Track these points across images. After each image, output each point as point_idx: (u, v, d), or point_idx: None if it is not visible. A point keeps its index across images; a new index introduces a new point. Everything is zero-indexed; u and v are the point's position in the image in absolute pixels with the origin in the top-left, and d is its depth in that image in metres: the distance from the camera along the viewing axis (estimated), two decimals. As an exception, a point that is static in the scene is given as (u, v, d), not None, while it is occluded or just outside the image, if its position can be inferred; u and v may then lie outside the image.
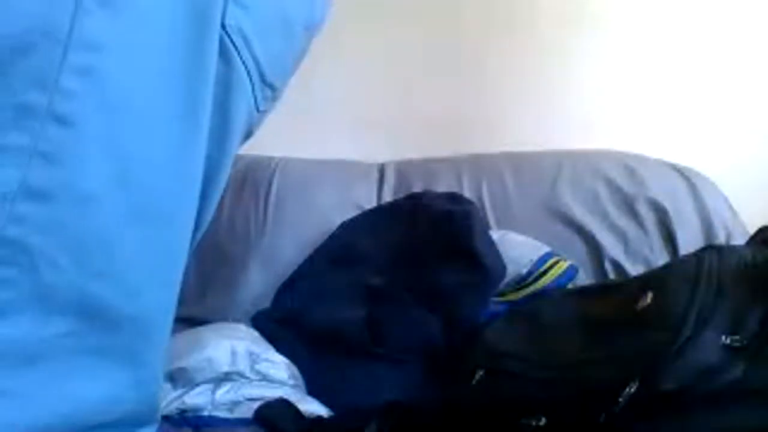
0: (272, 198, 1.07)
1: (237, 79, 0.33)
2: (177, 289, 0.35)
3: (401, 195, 1.05)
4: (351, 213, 1.02)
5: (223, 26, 0.32)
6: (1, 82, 0.25)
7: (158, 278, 0.33)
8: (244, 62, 0.34)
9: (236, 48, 0.33)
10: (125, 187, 0.29)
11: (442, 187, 1.06)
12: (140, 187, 0.30)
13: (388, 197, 1.08)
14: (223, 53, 0.32)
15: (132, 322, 0.32)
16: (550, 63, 1.19)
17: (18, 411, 0.28)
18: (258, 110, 0.36)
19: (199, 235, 0.36)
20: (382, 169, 1.15)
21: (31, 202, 0.27)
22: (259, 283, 0.98)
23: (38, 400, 0.28)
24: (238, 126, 0.35)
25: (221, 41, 0.32)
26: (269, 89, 0.37)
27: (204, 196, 0.34)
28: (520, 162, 1.11)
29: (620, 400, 0.48)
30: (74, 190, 0.27)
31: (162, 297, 0.34)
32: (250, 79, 0.34)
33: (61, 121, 0.26)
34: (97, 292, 0.30)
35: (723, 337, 0.49)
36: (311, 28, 0.40)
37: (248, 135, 0.38)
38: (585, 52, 1.19)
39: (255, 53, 0.34)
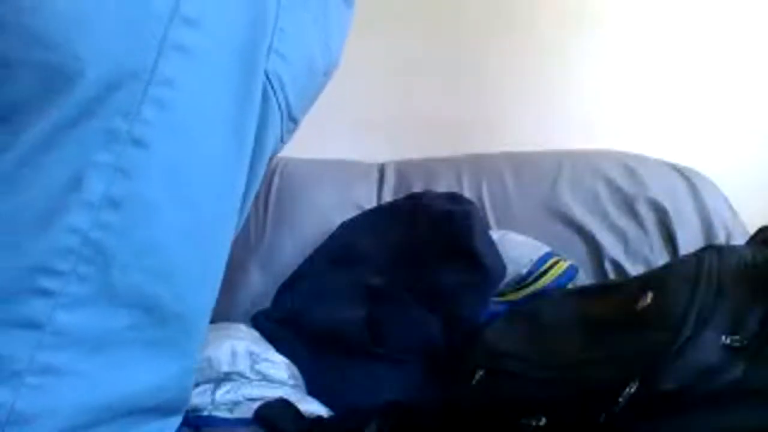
0: (272, 198, 1.07)
1: (271, 116, 0.40)
2: (216, 293, 0.40)
3: (401, 195, 1.05)
4: (351, 213, 1.02)
5: (266, 73, 0.38)
6: (96, 112, 0.31)
7: (203, 282, 0.38)
8: (278, 102, 0.40)
9: (274, 90, 0.39)
10: (183, 202, 0.35)
11: (442, 187, 1.06)
12: (194, 204, 0.36)
13: (388, 197, 1.08)
14: (264, 94, 0.38)
15: (179, 319, 0.37)
16: (550, 63, 1.19)
17: (86, 390, 0.33)
18: (282, 140, 0.43)
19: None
20: (382, 169, 1.15)
21: (111, 211, 0.32)
22: (259, 283, 0.98)
23: (103, 382, 0.34)
24: (267, 154, 0.41)
25: (263, 85, 0.38)
26: (293, 123, 0.44)
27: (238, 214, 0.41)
28: (520, 162, 1.11)
29: (620, 400, 0.48)
30: (143, 202, 0.33)
31: (204, 299, 0.39)
32: (281, 116, 0.41)
33: (138, 143, 0.32)
34: (155, 291, 0.35)
35: (723, 337, 0.49)
36: (328, 73, 0.48)
37: (271, 161, 0.45)
38: (585, 52, 1.19)
39: (287, 95, 0.41)
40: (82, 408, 0.33)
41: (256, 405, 0.66)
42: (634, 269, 0.94)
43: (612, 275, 0.95)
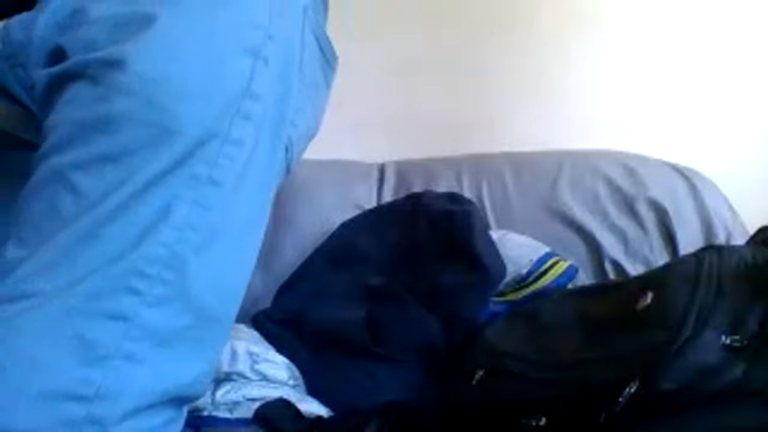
0: (272, 198, 1.07)
1: (280, 169, 0.52)
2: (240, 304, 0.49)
3: (401, 195, 1.05)
4: (351, 213, 1.02)
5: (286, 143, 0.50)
6: (185, 162, 0.40)
7: (239, 294, 0.48)
8: (287, 159, 0.53)
9: (287, 151, 0.52)
10: (235, 230, 0.44)
11: (442, 187, 1.06)
12: (240, 231, 0.45)
13: (388, 197, 1.08)
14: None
15: (219, 323, 0.45)
16: (551, 63, 1.19)
17: (151, 377, 0.40)
18: (278, 187, 0.54)
19: None
20: (382, 169, 1.15)
21: (191, 232, 0.41)
22: (259, 283, 0.98)
23: (163, 371, 0.41)
24: (272, 198, 0.52)
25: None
26: (288, 173, 0.57)
27: None
28: (520, 162, 1.11)
29: (620, 400, 0.48)
30: (213, 227, 0.42)
31: (236, 308, 0.48)
32: (287, 166, 0.54)
33: (213, 183, 0.42)
34: (211, 298, 0.43)
35: (723, 337, 0.49)
36: (313, 137, 0.62)
37: None
38: (585, 51, 1.19)
39: (293, 155, 0.55)
40: (146, 392, 0.40)
41: (256, 405, 0.66)
42: (634, 269, 0.94)
43: (612, 275, 0.95)
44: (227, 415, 0.67)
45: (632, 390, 0.48)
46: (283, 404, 0.66)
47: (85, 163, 0.40)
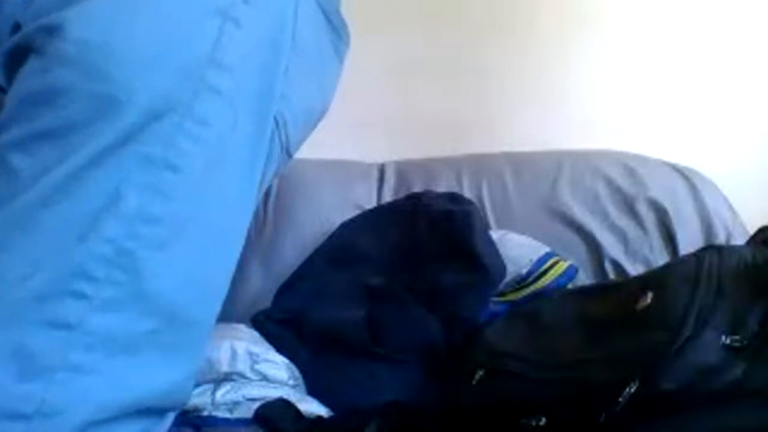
0: (272, 198, 1.07)
1: (274, 152, 0.46)
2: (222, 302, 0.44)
3: (401, 195, 1.05)
4: (351, 213, 1.02)
5: (274, 117, 0.44)
6: (138, 137, 0.35)
7: (218, 293, 0.43)
8: (280, 138, 0.46)
9: (278, 128, 0.45)
10: (207, 220, 0.39)
11: (442, 187, 1.06)
12: (216, 222, 0.40)
13: (388, 197, 1.08)
14: (270, 133, 0.43)
15: (197, 327, 0.41)
16: (551, 63, 1.19)
17: (108, 389, 0.36)
18: (279, 169, 0.49)
19: None
20: (382, 169, 1.15)
21: (145, 225, 0.36)
22: (259, 283, 0.98)
23: (123, 382, 0.36)
24: (266, 183, 0.46)
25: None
26: (289, 157, 0.50)
27: None
28: (520, 162, 1.11)
29: (620, 400, 0.48)
30: (174, 219, 0.37)
31: (217, 308, 0.43)
32: (281, 149, 0.47)
33: (173, 168, 0.36)
34: (180, 300, 0.38)
35: (723, 337, 0.49)
36: (321, 116, 0.55)
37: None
38: (585, 51, 1.19)
39: (288, 133, 0.47)
40: (103, 405, 0.36)
41: (256, 405, 0.66)
42: (634, 269, 0.94)
43: (612, 275, 0.94)
44: (227, 415, 0.67)
45: (632, 390, 0.48)
46: (283, 404, 0.66)
47: (23, 140, 0.35)
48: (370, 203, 1.07)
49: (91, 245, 0.35)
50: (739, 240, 0.91)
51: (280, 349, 0.77)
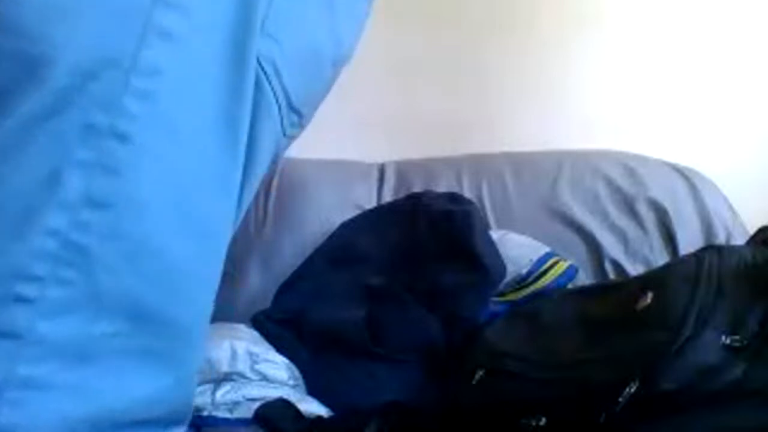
0: (272, 198, 1.07)
1: (265, 104, 0.36)
2: (214, 295, 0.37)
3: (401, 195, 1.05)
4: (351, 213, 1.02)
5: (257, 58, 0.35)
6: (73, 103, 0.29)
7: (201, 285, 0.36)
8: (273, 90, 0.37)
9: (267, 77, 0.36)
10: (176, 198, 0.32)
11: (442, 187, 1.06)
12: (188, 201, 0.33)
13: (388, 197, 1.08)
14: (256, 81, 0.35)
15: (177, 326, 0.34)
16: (551, 63, 1.19)
17: (71, 403, 0.30)
18: (284, 135, 0.39)
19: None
20: (382, 169, 1.15)
21: (93, 210, 0.30)
22: (259, 283, 0.98)
23: (90, 394, 0.31)
24: (264, 148, 0.37)
25: (256, 72, 0.35)
26: (296, 115, 0.40)
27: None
28: (520, 162, 1.11)
29: (620, 400, 0.48)
30: (131, 201, 0.31)
31: (203, 303, 0.37)
32: (278, 106, 0.38)
33: (122, 138, 0.30)
34: (149, 297, 0.32)
35: (723, 337, 0.49)
36: (338, 63, 0.43)
37: (276, 158, 0.41)
38: (585, 51, 1.19)
39: (284, 82, 0.37)
40: (69, 422, 0.30)
41: (256, 405, 0.66)
42: (634, 269, 0.94)
43: (612, 275, 0.95)
44: (227, 415, 0.67)
45: (632, 390, 0.48)
46: (283, 404, 0.66)
47: None
48: (370, 203, 1.07)
49: (30, 240, 0.29)
50: (739, 240, 0.91)
51: (280, 349, 0.77)
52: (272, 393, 0.69)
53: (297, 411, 0.66)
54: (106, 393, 0.32)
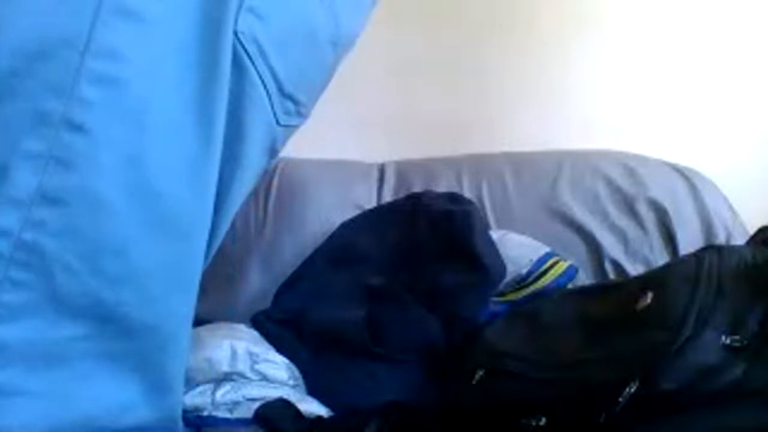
0: (272, 198, 1.07)
1: (251, 89, 0.33)
2: (194, 298, 0.35)
3: (401, 195, 1.05)
4: (351, 213, 1.02)
5: (236, 35, 0.31)
6: (19, 88, 0.26)
7: (174, 287, 0.33)
8: (259, 72, 0.33)
9: (250, 57, 0.32)
10: (141, 194, 0.29)
11: (442, 187, 1.06)
12: (156, 195, 0.30)
13: (388, 197, 1.08)
14: (236, 62, 0.32)
15: (147, 329, 0.32)
16: (551, 63, 1.19)
17: (36, 411, 0.28)
18: (279, 123, 0.36)
19: (214, 247, 0.36)
20: (382, 169, 1.15)
21: (48, 208, 0.27)
22: (259, 283, 0.98)
23: (62, 400, 0.29)
24: (254, 137, 0.34)
25: (234, 50, 0.32)
26: (290, 102, 0.36)
27: (218, 207, 0.34)
28: (520, 162, 1.11)
29: (620, 400, 0.48)
30: (89, 197, 0.28)
31: (178, 306, 0.34)
32: (267, 91, 0.34)
33: (77, 128, 0.27)
34: (112, 298, 0.30)
35: (723, 337, 0.49)
36: (339, 44, 0.39)
37: (273, 151, 0.38)
38: (585, 51, 1.19)
39: (271, 64, 0.34)
40: (43, 429, 0.29)
41: (256, 405, 0.66)
42: (634, 269, 0.94)
43: (612, 275, 0.95)
44: (227, 415, 0.67)
45: (632, 390, 0.48)
46: (283, 404, 0.66)
47: None
48: (370, 203, 1.07)
49: None
50: (739, 240, 0.91)
51: (280, 349, 0.77)
52: (272, 393, 0.69)
53: (297, 411, 0.66)
54: (79, 398, 0.30)
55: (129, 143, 0.29)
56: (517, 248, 0.87)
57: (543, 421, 0.53)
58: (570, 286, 0.83)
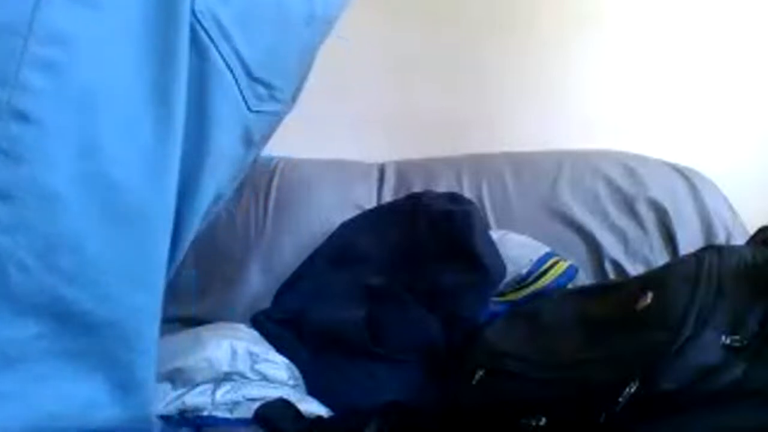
0: (272, 198, 1.07)
1: (215, 72, 0.31)
2: (159, 294, 0.33)
3: (401, 195, 1.05)
4: (351, 213, 1.02)
5: (194, 15, 0.29)
6: None
7: (134, 282, 0.31)
8: (222, 55, 0.31)
9: (211, 39, 0.30)
10: (95, 185, 0.28)
11: (442, 187, 1.06)
12: (111, 186, 0.28)
13: (388, 197, 1.08)
14: (197, 44, 0.30)
15: (108, 327, 0.30)
16: (550, 62, 1.19)
17: (6, 411, 0.27)
18: (250, 109, 0.34)
19: (185, 241, 0.35)
20: (382, 169, 1.15)
21: None
22: (259, 283, 0.98)
23: (16, 402, 0.28)
24: (222, 124, 0.32)
25: (194, 31, 0.30)
26: (261, 86, 0.34)
27: (184, 196, 0.33)
28: (520, 162, 1.11)
29: (620, 400, 0.48)
30: (41, 190, 0.26)
31: (141, 302, 0.32)
32: (233, 74, 0.32)
33: (24, 118, 0.25)
34: (69, 294, 0.29)
35: (723, 337, 0.49)
36: (314, 23, 0.37)
37: (249, 140, 0.36)
38: (585, 51, 1.19)
39: (236, 46, 0.31)
40: (19, 430, 0.28)
41: (256, 405, 0.66)
42: (634, 269, 0.94)
43: (612, 275, 0.95)
44: (227, 415, 0.67)
45: (632, 390, 0.48)
46: (283, 404, 0.66)
47: None
48: (370, 203, 1.07)
49: None
50: (739, 240, 0.91)
51: (280, 349, 0.77)
52: (272, 393, 0.69)
53: (297, 411, 0.66)
54: (42, 398, 0.29)
55: (81, 133, 0.27)
56: (517, 248, 0.87)
57: (543, 421, 0.53)
58: (570, 286, 0.83)
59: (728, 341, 0.48)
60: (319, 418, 0.67)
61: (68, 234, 0.28)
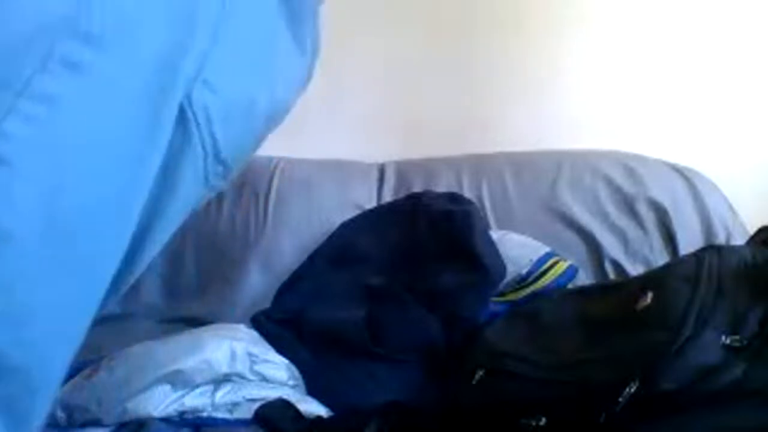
0: (272, 198, 1.07)
1: (191, 151, 0.33)
2: (77, 345, 0.33)
3: (401, 195, 1.05)
4: (351, 213, 1.02)
5: (188, 99, 0.32)
6: None
7: (61, 332, 0.31)
8: (202, 139, 0.34)
9: (197, 122, 0.33)
10: (50, 231, 0.28)
11: (442, 187, 1.06)
12: (67, 236, 0.29)
13: (388, 197, 1.08)
14: (183, 124, 0.32)
15: (19, 373, 0.29)
16: (551, 62, 1.19)
17: None
18: (207, 184, 0.36)
19: (116, 295, 0.35)
20: (382, 169, 1.15)
21: None
22: (259, 283, 0.98)
23: None
24: (182, 197, 0.34)
25: (182, 112, 0.32)
26: (221, 166, 0.36)
27: (130, 258, 0.33)
28: (520, 162, 1.11)
29: (620, 399, 0.48)
30: None
31: (59, 352, 0.31)
32: (205, 155, 0.34)
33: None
34: None
35: (723, 337, 0.49)
36: (271, 118, 0.40)
37: (192, 211, 0.38)
38: (585, 51, 1.19)
39: (214, 133, 0.34)
40: None
41: (256, 405, 0.66)
42: (634, 269, 0.94)
43: (612, 275, 0.95)
44: (227, 416, 0.67)
45: (632, 390, 0.48)
46: (283, 404, 0.66)
47: None
48: (370, 203, 1.07)
49: None
50: (739, 240, 0.91)
51: (280, 349, 0.77)
52: (272, 393, 0.69)
53: (297, 411, 0.66)
54: None
55: (47, 179, 0.28)
56: (517, 248, 0.87)
57: (543, 421, 0.53)
58: (570, 286, 0.83)
59: (728, 341, 0.48)
60: (319, 418, 0.67)
61: (11, 277, 0.28)
